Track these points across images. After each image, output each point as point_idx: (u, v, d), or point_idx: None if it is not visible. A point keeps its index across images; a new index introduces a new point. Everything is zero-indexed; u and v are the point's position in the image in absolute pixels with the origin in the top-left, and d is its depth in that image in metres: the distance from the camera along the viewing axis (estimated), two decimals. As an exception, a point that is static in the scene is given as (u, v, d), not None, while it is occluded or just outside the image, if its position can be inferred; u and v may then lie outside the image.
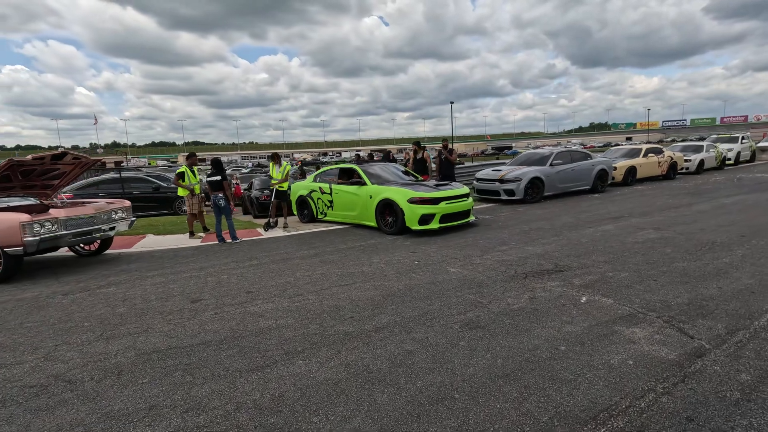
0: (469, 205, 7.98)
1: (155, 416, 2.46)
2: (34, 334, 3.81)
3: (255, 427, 2.32)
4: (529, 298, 4.05)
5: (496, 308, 3.84)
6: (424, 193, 7.49)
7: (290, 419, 2.38)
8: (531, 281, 4.57)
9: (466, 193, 8.00)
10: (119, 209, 6.88)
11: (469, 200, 8.01)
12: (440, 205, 7.46)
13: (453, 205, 7.64)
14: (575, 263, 5.15)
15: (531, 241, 6.54)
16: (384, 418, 2.34)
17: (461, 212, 7.83)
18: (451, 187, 8.06)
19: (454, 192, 7.81)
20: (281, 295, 4.55)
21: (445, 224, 7.54)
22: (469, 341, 3.20)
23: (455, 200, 7.73)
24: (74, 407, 2.59)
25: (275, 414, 2.43)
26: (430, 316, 3.72)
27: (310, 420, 2.36)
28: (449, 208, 7.57)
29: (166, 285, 5.15)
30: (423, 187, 7.77)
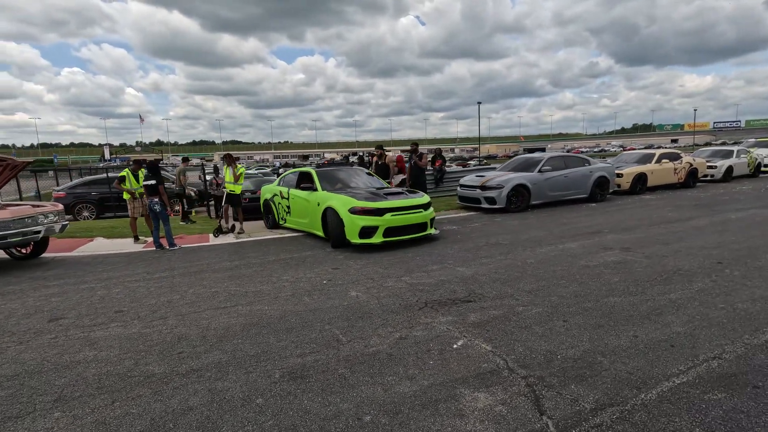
0: (425, 217, 7.03)
1: None
2: None
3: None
4: (398, 339, 3.38)
5: (348, 351, 3.20)
6: (366, 202, 6.68)
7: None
8: (423, 314, 3.88)
9: (422, 204, 7.06)
10: (49, 213, 6.71)
11: (426, 212, 7.06)
12: (385, 216, 6.61)
13: (402, 216, 6.76)
14: (494, 291, 4.40)
15: (472, 260, 5.79)
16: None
17: (415, 225, 6.94)
18: (406, 196, 7.17)
19: (406, 202, 6.90)
20: (147, 317, 4.10)
21: (391, 238, 6.70)
22: (270, 398, 2.60)
23: (406, 211, 6.82)
24: None
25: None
26: (264, 357, 3.13)
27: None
28: (397, 221, 6.70)
29: (49, 298, 4.84)
30: (374, 196, 6.95)
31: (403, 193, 7.40)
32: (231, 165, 8.61)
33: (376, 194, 7.14)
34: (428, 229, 7.18)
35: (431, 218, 7.20)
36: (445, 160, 14.62)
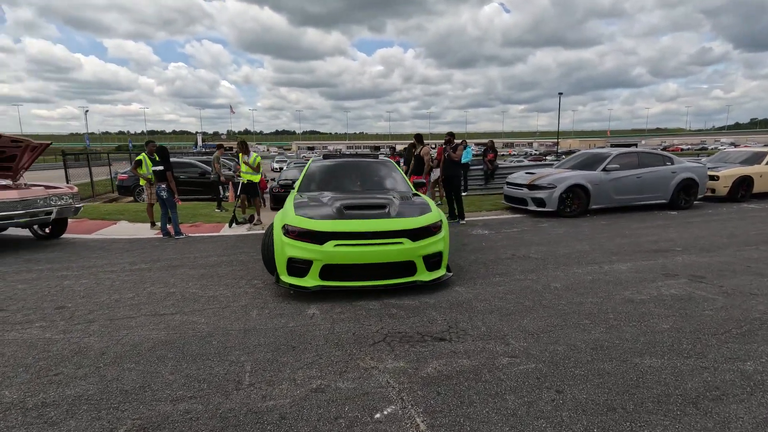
0: (406, 253, 3.95)
1: None
2: None
3: None
4: (313, 390, 2.49)
5: (237, 401, 2.39)
6: (302, 219, 4.08)
7: None
8: (371, 353, 2.94)
9: (405, 229, 3.99)
10: (63, 195, 6.75)
11: (411, 244, 3.97)
12: (326, 246, 3.85)
13: (359, 249, 3.87)
14: (483, 328, 3.30)
15: (481, 278, 4.65)
16: None
17: (384, 266, 3.98)
18: (383, 215, 4.16)
19: (370, 225, 3.96)
20: (78, 318, 3.65)
21: (336, 284, 3.95)
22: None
23: (366, 241, 3.89)
24: None
25: None
26: (134, 397, 2.44)
27: None
28: (347, 255, 3.87)
29: (16, 285, 4.65)
30: (328, 209, 4.31)
31: (410, 202, 4.70)
32: (246, 153, 8.19)
33: (325, 205, 4.43)
34: (418, 274, 4.07)
35: (429, 255, 4.08)
36: (497, 153, 13.08)
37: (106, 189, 15.85)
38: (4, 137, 6.27)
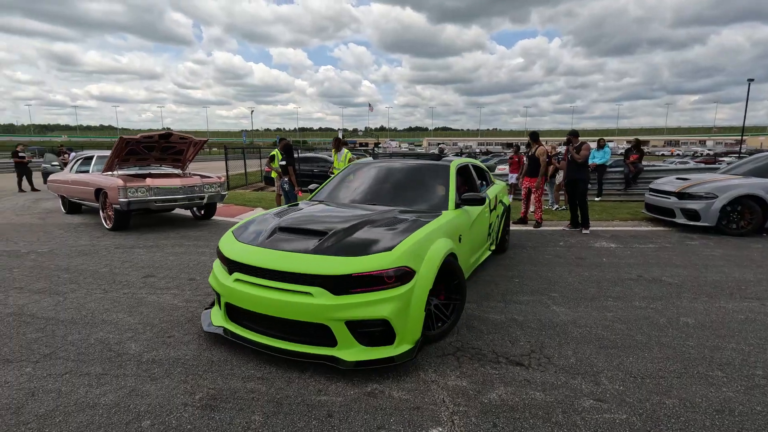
0: (324, 312, 2.54)
1: None
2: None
3: None
4: (364, 394, 2.47)
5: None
6: (227, 236, 3.35)
7: None
8: (435, 366, 2.79)
9: (328, 275, 2.57)
10: (213, 184, 8.03)
11: (345, 299, 2.55)
12: (230, 279, 2.95)
13: (261, 293, 2.73)
14: (573, 358, 2.86)
15: (590, 298, 4.04)
16: None
17: (300, 323, 2.65)
18: (300, 248, 2.82)
19: (282, 261, 2.74)
20: (196, 288, 4.30)
21: (235, 330, 2.96)
22: None
23: (277, 284, 2.70)
24: None
25: None
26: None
27: None
28: (246, 298, 2.79)
29: (167, 257, 5.69)
30: (266, 227, 3.27)
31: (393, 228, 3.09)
32: (339, 150, 8.53)
33: (284, 227, 3.17)
34: (339, 348, 2.64)
35: (359, 320, 2.57)
36: (643, 154, 11.16)
37: (257, 179, 18.39)
38: (175, 135, 7.73)
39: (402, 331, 2.66)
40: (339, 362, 2.59)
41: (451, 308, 3.22)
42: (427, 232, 3.07)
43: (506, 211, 5.79)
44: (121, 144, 7.33)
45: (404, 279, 2.67)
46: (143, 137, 7.42)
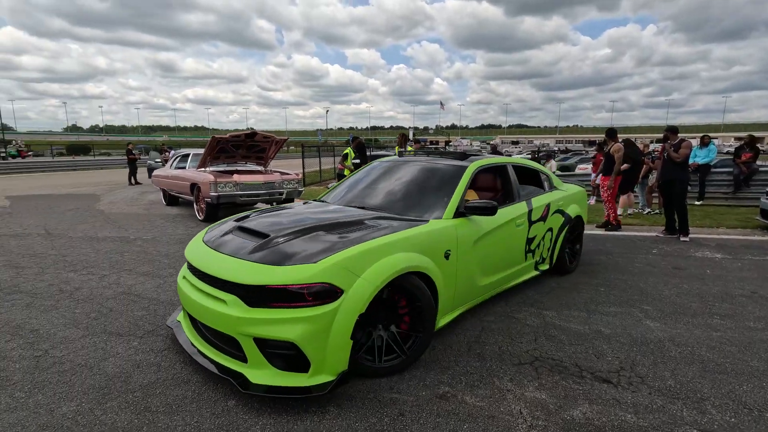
0: (235, 324, 2.28)
1: None
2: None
3: None
4: (438, 396, 2.42)
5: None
6: (201, 233, 3.26)
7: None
8: (511, 374, 2.66)
9: (241, 284, 2.32)
10: (291, 180, 8.47)
11: (257, 313, 2.24)
12: (181, 276, 2.94)
13: (193, 295, 2.60)
14: (670, 381, 2.55)
15: (691, 314, 3.61)
16: None
17: (218, 336, 2.48)
18: (236, 251, 2.60)
19: (212, 263, 2.57)
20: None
21: (184, 332, 2.89)
22: None
23: (207, 288, 2.53)
24: None
25: None
26: None
27: None
28: (184, 299, 2.74)
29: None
30: (232, 224, 3.15)
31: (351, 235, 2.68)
32: (402, 146, 8.44)
33: (241, 226, 3.00)
34: (249, 365, 2.34)
35: (268, 339, 2.24)
36: (758, 152, 9.68)
37: (330, 176, 19.08)
38: (259, 134, 8.25)
39: (317, 359, 2.26)
40: (247, 383, 2.27)
41: (412, 341, 2.69)
42: (381, 243, 2.56)
43: (570, 224, 4.59)
44: (213, 143, 7.99)
45: (325, 298, 2.27)
46: (231, 137, 8.02)
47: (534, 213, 4.02)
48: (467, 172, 3.55)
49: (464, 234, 3.13)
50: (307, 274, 2.27)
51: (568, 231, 4.59)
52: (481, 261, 3.34)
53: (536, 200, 4.18)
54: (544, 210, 4.21)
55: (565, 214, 4.58)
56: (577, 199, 4.91)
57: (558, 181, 4.95)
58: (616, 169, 6.94)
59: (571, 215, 4.64)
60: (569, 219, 4.61)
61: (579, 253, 4.99)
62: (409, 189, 3.65)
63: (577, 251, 4.96)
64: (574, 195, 4.90)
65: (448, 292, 2.97)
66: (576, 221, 4.76)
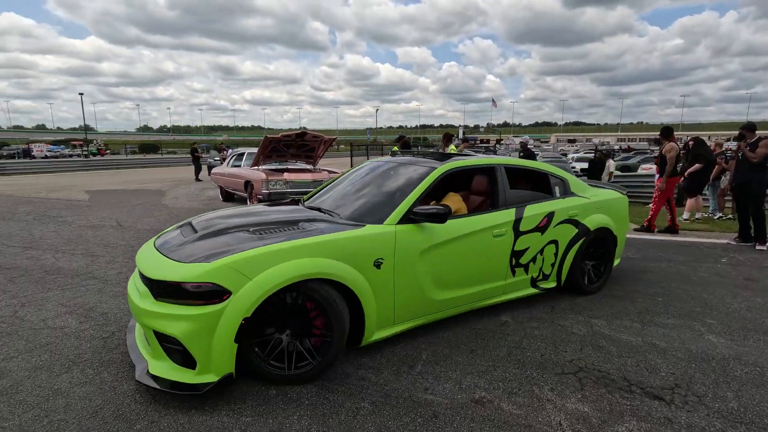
0: (141, 315, 2.43)
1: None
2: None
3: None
4: (473, 401, 2.38)
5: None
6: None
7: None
8: (554, 385, 2.55)
9: (151, 278, 2.48)
10: (338, 178, 8.65)
11: (158, 307, 2.36)
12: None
13: (130, 289, 2.74)
14: (734, 402, 2.34)
15: (741, 331, 3.27)
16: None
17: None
18: (166, 246, 2.78)
19: (145, 259, 2.72)
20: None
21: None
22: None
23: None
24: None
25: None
26: None
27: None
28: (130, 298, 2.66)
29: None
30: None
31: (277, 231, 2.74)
32: (447, 145, 8.28)
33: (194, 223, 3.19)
34: (151, 356, 2.50)
35: (160, 333, 2.33)
36: None
37: (377, 175, 19.33)
38: (308, 134, 8.51)
39: (202, 358, 2.28)
40: (155, 377, 2.35)
41: (323, 348, 2.57)
42: (287, 247, 2.48)
43: (587, 237, 3.89)
44: (266, 142, 8.35)
45: (213, 298, 2.28)
46: (283, 136, 8.33)
47: (525, 222, 3.52)
48: (430, 176, 3.24)
49: (408, 242, 2.88)
50: (197, 273, 2.31)
51: (584, 245, 3.89)
52: (437, 273, 3.05)
53: (532, 208, 3.62)
54: (543, 219, 3.64)
55: (580, 225, 3.87)
56: (605, 207, 4.11)
57: (580, 186, 4.18)
58: (668, 170, 6.43)
59: (588, 227, 3.91)
60: (585, 231, 3.89)
61: (607, 271, 4.20)
62: (370, 192, 3.47)
63: (606, 270, 4.18)
64: (601, 203, 4.10)
65: (383, 303, 2.80)
66: (599, 234, 4.02)
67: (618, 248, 4.33)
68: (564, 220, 3.78)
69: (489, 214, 3.40)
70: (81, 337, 3.13)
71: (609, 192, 4.40)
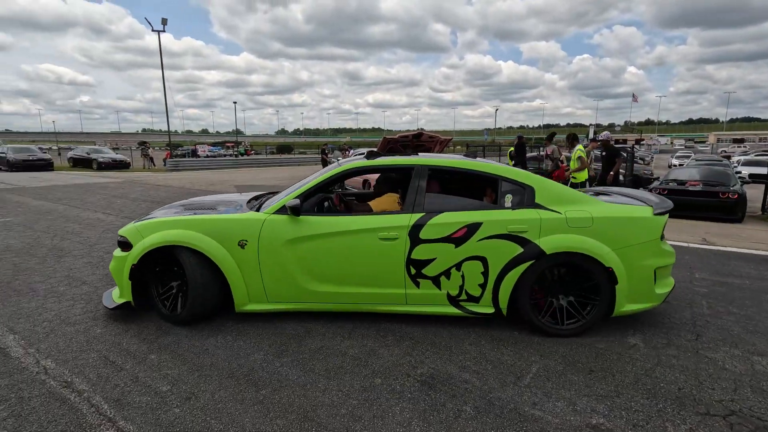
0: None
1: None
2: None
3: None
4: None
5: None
6: None
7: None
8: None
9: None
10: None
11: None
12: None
13: None
14: None
15: None
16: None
17: None
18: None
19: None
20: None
21: None
22: (384, 384, 2.53)
23: None
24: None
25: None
26: (437, 350, 2.95)
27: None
28: None
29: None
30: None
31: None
32: (572, 147, 7.39)
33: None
34: None
35: None
36: None
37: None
38: (425, 134, 8.60)
39: (120, 286, 3.49)
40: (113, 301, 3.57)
41: (184, 301, 3.34)
42: (171, 220, 3.36)
43: (539, 260, 3.04)
44: (384, 143, 8.67)
45: (125, 247, 3.39)
46: (400, 137, 8.57)
47: (429, 230, 3.11)
48: (324, 175, 3.47)
49: (275, 230, 3.21)
50: (122, 230, 3.47)
51: (534, 270, 3.07)
52: (307, 264, 3.22)
53: (448, 216, 3.15)
54: (460, 230, 3.10)
55: (528, 244, 3.06)
56: (597, 228, 3.06)
57: (559, 197, 3.20)
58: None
59: (543, 248, 3.03)
60: (537, 253, 3.04)
61: (592, 314, 3.13)
62: (290, 186, 3.76)
63: (591, 312, 3.13)
64: (586, 221, 3.08)
65: (252, 279, 3.27)
66: (569, 260, 3.07)
67: (632, 285, 3.07)
68: (498, 235, 3.08)
69: (377, 216, 3.25)
70: (224, 308, 3.67)
71: (621, 208, 3.21)
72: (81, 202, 10.11)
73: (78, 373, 2.64)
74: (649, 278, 3.11)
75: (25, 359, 2.80)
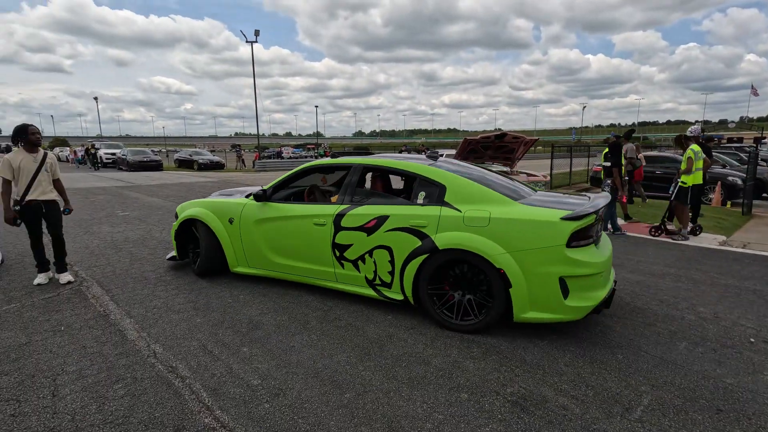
0: None
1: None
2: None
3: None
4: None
5: (616, 427, 2.14)
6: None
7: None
8: None
9: None
10: (538, 182, 8.09)
11: None
12: None
13: None
14: None
15: None
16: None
17: None
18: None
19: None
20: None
21: None
22: (472, 400, 2.36)
23: None
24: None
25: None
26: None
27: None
28: None
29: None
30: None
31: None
32: (682, 148, 6.46)
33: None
34: None
35: None
36: None
37: (581, 179, 17.26)
38: (509, 135, 8.21)
39: (175, 245, 4.85)
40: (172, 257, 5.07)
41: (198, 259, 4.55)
42: (197, 201, 4.68)
43: (432, 255, 3.21)
44: (465, 144, 8.47)
45: (175, 219, 4.78)
46: (482, 138, 8.29)
47: (348, 219, 3.61)
48: (293, 171, 4.21)
49: (249, 212, 4.17)
50: (178, 207, 4.93)
51: (430, 264, 3.24)
52: (269, 240, 4.07)
53: (365, 208, 3.59)
54: (371, 221, 3.50)
55: (425, 238, 3.25)
56: (494, 229, 3.06)
57: (471, 196, 3.25)
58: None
59: (437, 244, 3.18)
60: (431, 248, 3.21)
61: (487, 312, 3.13)
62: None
63: (488, 310, 3.13)
64: (482, 220, 3.10)
65: (235, 247, 4.30)
66: (459, 257, 3.13)
67: (532, 291, 2.98)
68: (401, 228, 3.38)
69: (318, 204, 3.86)
70: (309, 306, 3.76)
71: (528, 210, 3.09)
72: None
73: (181, 360, 2.85)
74: (553, 286, 2.94)
75: (138, 342, 3.10)
